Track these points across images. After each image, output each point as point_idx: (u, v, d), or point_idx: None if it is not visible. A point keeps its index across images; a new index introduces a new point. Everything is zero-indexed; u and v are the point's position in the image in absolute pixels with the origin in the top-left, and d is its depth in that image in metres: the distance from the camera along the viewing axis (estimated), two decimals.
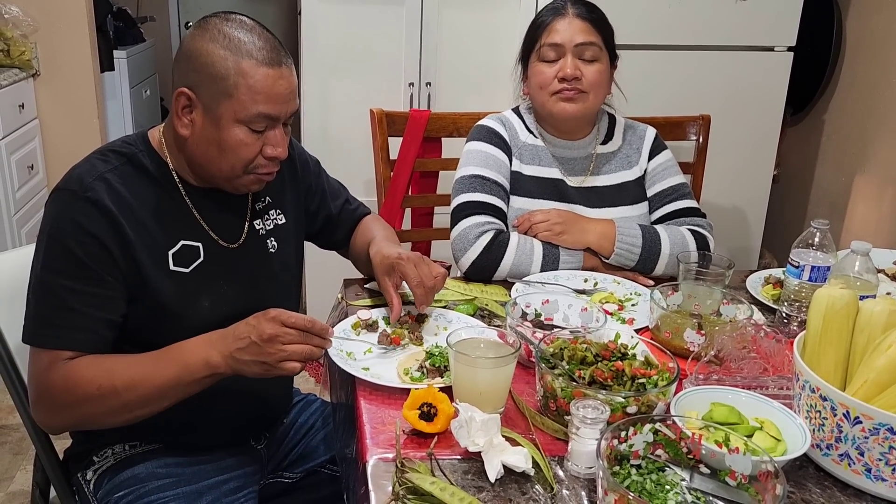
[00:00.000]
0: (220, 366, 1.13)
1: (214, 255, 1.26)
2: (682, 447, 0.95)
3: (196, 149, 1.20)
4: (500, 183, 1.65)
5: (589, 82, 1.61)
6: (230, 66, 1.14)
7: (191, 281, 1.23)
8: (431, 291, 1.34)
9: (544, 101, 1.64)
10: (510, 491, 0.95)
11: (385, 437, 1.05)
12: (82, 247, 1.13)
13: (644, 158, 1.73)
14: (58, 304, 1.14)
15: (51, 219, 1.16)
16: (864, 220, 2.75)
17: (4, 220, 2.88)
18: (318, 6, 2.59)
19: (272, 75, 1.15)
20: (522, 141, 1.70)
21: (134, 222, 1.17)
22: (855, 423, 0.94)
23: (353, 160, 2.60)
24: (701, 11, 2.50)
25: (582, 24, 1.61)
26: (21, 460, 2.31)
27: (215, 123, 1.17)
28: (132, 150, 1.23)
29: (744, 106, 2.61)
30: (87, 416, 1.16)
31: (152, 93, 4.75)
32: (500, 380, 1.07)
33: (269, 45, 1.17)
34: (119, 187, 1.17)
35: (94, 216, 1.14)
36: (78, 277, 1.13)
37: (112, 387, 1.12)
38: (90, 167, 1.19)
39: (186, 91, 1.17)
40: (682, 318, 1.28)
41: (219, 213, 1.28)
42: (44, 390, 1.16)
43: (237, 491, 1.31)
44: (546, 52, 1.62)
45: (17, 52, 3.05)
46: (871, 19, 2.70)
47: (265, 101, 1.16)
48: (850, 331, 1.05)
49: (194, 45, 1.16)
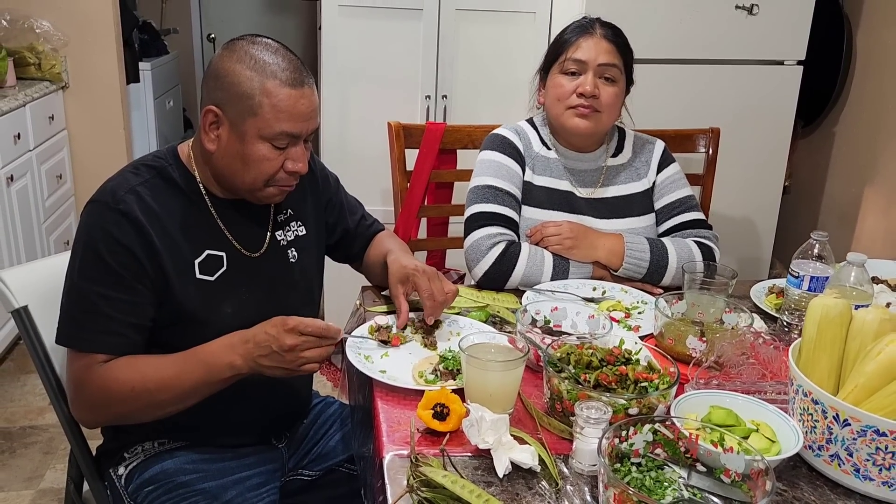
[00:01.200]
0: (242, 368, 1.21)
1: (237, 263, 1.33)
2: (680, 447, 1.00)
3: (221, 162, 1.28)
4: (513, 193, 1.71)
5: (605, 102, 1.66)
6: (255, 86, 1.21)
7: (215, 288, 1.30)
8: (441, 305, 1.40)
9: (559, 114, 1.70)
10: (517, 486, 1.01)
11: (400, 434, 1.11)
12: (113, 256, 1.21)
13: (653, 171, 1.79)
14: (91, 309, 1.21)
15: (85, 229, 1.24)
16: (873, 231, 2.78)
17: (35, 227, 2.98)
18: (337, 21, 2.67)
19: (294, 95, 1.23)
20: (536, 152, 1.76)
21: (162, 233, 1.25)
22: (844, 426, 0.99)
23: (371, 171, 2.67)
24: (712, 26, 2.55)
25: (608, 46, 1.67)
26: (51, 459, 2.39)
27: (240, 139, 1.24)
28: (162, 164, 1.31)
29: (754, 119, 2.66)
30: (122, 413, 1.25)
31: (175, 103, 4.86)
32: (510, 382, 1.13)
33: (292, 67, 1.24)
34: (149, 199, 1.25)
35: (125, 227, 1.22)
36: (110, 284, 1.21)
37: (145, 388, 1.20)
38: (122, 180, 1.27)
39: (214, 108, 1.24)
40: (685, 325, 1.34)
41: (242, 224, 1.35)
42: (81, 391, 1.24)
43: (260, 487, 1.38)
44: (568, 66, 1.68)
45: (47, 65, 3.16)
46: (881, 33, 2.74)
47: (287, 120, 1.23)
48: (843, 338, 1.10)
49: (222, 66, 1.24)
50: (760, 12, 2.54)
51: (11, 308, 1.39)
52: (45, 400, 2.69)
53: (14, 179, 2.79)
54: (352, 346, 1.33)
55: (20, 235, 2.84)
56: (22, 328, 1.40)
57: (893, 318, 1.08)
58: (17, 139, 2.81)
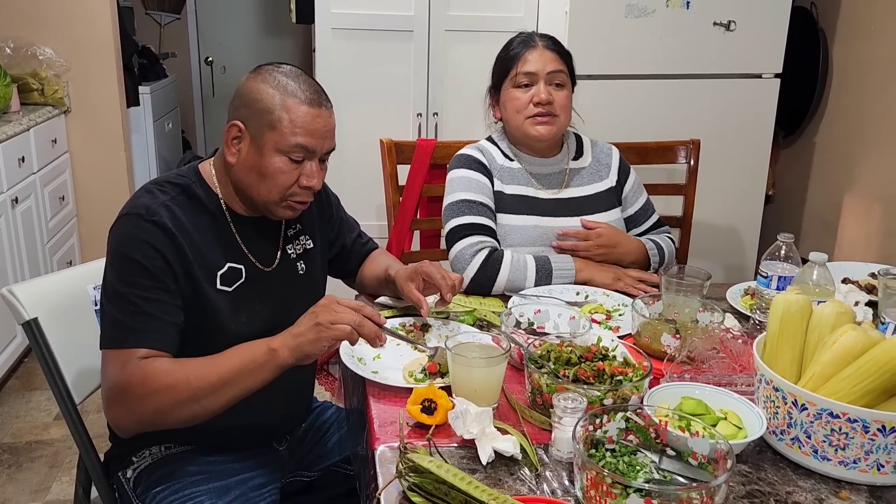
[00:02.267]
0: (279, 348, 1.24)
1: (253, 276, 1.42)
2: (650, 433, 1.08)
3: (240, 174, 1.37)
4: (486, 204, 1.81)
5: (559, 105, 1.80)
6: (276, 102, 1.31)
7: (232, 299, 1.38)
8: (454, 288, 1.49)
9: (519, 125, 1.82)
10: (500, 472, 1.08)
11: (391, 429, 1.19)
12: (150, 260, 1.29)
13: (614, 173, 1.93)
14: (133, 310, 1.28)
15: (122, 239, 1.31)
16: (854, 236, 2.87)
17: (38, 247, 3.06)
18: (331, 43, 2.77)
19: (312, 113, 1.33)
20: (500, 165, 1.87)
21: (192, 244, 1.33)
22: (802, 410, 1.06)
23: (367, 187, 2.76)
24: (691, 42, 2.65)
25: (551, 55, 1.81)
26: (57, 472, 2.46)
27: (259, 151, 1.33)
28: (186, 182, 1.39)
29: (735, 130, 2.75)
30: (159, 407, 1.25)
31: (174, 125, 4.96)
32: (493, 378, 1.21)
33: (312, 89, 1.35)
34: (178, 213, 1.34)
35: (159, 236, 1.30)
36: (148, 287, 1.28)
37: (185, 376, 1.24)
38: (152, 197, 1.35)
39: (238, 124, 1.34)
40: (661, 324, 1.42)
41: (257, 240, 1.44)
42: (121, 386, 1.26)
43: (261, 487, 1.45)
44: (521, 80, 1.80)
45: (50, 90, 3.25)
46: (854, 46, 2.84)
47: (304, 135, 1.33)
48: (804, 331, 1.18)
49: (248, 86, 1.35)
50: (738, 28, 2.64)
51: (22, 320, 1.47)
52: (50, 416, 2.76)
53: (19, 201, 2.87)
54: (345, 351, 1.41)
55: (24, 255, 2.92)
56: (32, 339, 1.47)
57: (849, 312, 1.16)
58: (21, 162, 2.89)
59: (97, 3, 3.28)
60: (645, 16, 2.59)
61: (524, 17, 2.84)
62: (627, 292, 1.71)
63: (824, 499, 1.04)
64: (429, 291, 1.51)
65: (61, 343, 1.46)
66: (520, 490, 1.05)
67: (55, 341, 1.48)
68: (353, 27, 2.77)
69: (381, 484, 1.05)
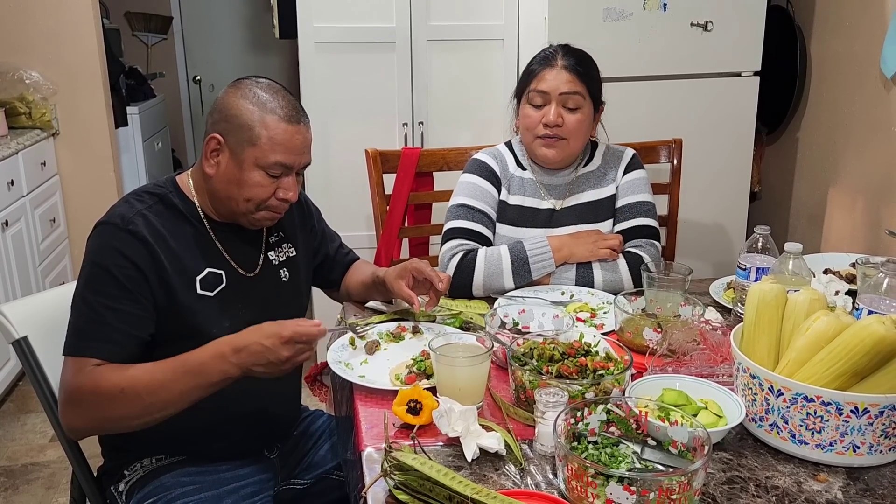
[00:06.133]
0: (235, 375, 1.28)
1: (235, 282, 1.44)
2: (631, 424, 1.10)
3: (218, 185, 1.39)
4: (484, 211, 1.82)
5: (569, 129, 1.77)
6: (256, 119, 1.34)
7: (214, 304, 1.40)
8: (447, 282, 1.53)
9: (529, 143, 1.83)
10: (485, 468, 1.10)
11: (377, 430, 1.20)
12: (121, 270, 1.31)
13: (619, 175, 1.89)
14: (95, 319, 1.30)
15: (95, 247, 1.34)
16: (840, 229, 2.89)
17: (30, 270, 3.07)
18: (314, 57, 2.80)
19: (290, 130, 1.36)
20: (511, 173, 1.88)
21: (168, 251, 1.35)
22: (778, 396, 1.08)
23: (354, 198, 2.78)
24: (669, 43, 2.68)
25: (568, 76, 1.76)
26: (53, 493, 2.46)
27: (239, 166, 1.36)
28: (163, 191, 1.42)
29: (716, 129, 2.78)
30: (110, 417, 1.29)
31: (164, 144, 4.98)
32: (477, 376, 1.22)
33: (290, 105, 1.38)
34: (155, 222, 1.36)
35: (135, 246, 1.32)
36: (115, 297, 1.31)
37: (134, 391, 1.26)
38: (129, 206, 1.37)
39: (217, 136, 1.37)
40: (643, 319, 1.44)
41: (238, 245, 1.47)
42: (73, 393, 1.30)
43: (254, 496, 1.46)
44: (533, 98, 1.79)
45: (38, 114, 3.28)
46: (831, 43, 2.88)
47: (283, 152, 1.36)
48: (780, 319, 1.20)
49: (228, 101, 1.37)
50: (715, 28, 2.67)
51: (12, 339, 1.48)
52: (46, 438, 2.76)
53: (9, 224, 2.88)
54: (333, 357, 1.43)
55: (16, 279, 2.93)
56: (23, 358, 1.49)
57: (822, 298, 1.18)
58: (10, 186, 2.91)
59: (83, 26, 3.30)
60: (623, 19, 2.62)
61: (505, 24, 2.86)
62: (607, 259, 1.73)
63: (803, 482, 1.06)
64: (418, 290, 1.54)
65: (52, 360, 1.47)
66: (504, 485, 1.06)
67: (45, 359, 1.49)
68: (336, 40, 2.80)
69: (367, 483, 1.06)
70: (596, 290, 1.73)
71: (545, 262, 1.73)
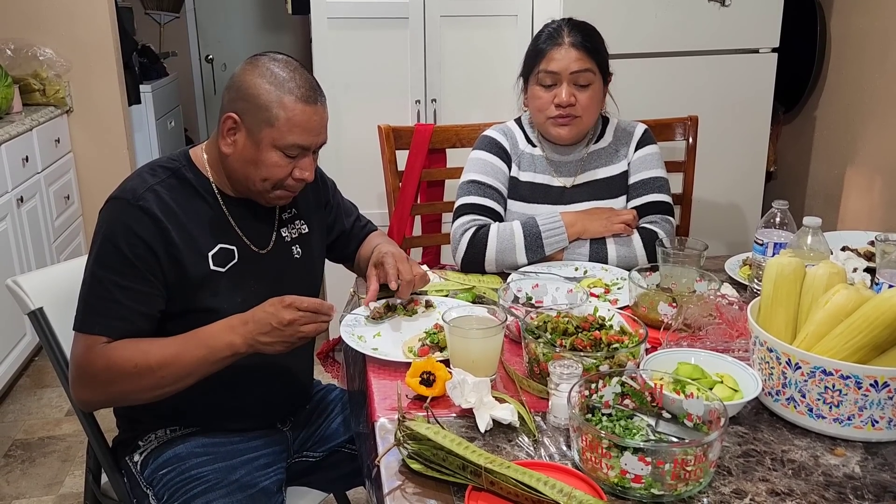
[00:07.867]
0: (241, 347, 1.29)
1: (247, 257, 1.44)
2: (646, 396, 1.09)
3: (235, 164, 1.38)
4: (495, 186, 1.81)
5: (583, 107, 1.74)
6: (273, 100, 1.33)
7: (227, 279, 1.40)
8: (409, 285, 1.51)
9: (541, 123, 1.80)
10: (498, 439, 1.09)
11: (390, 402, 1.20)
12: (131, 248, 1.31)
13: (631, 151, 1.86)
14: (104, 296, 1.31)
15: (106, 223, 1.34)
16: (857, 209, 2.86)
17: (45, 246, 3.09)
18: (327, 33, 2.78)
19: (308, 111, 1.34)
20: (521, 150, 1.86)
21: (178, 227, 1.35)
22: (796, 369, 1.07)
23: (367, 175, 2.77)
24: (686, 19, 2.64)
25: (577, 54, 1.71)
26: (69, 466, 2.49)
27: (256, 146, 1.35)
28: (177, 165, 1.42)
29: (733, 106, 2.74)
30: (123, 391, 1.31)
31: (177, 123, 4.98)
32: (490, 348, 1.22)
33: (307, 85, 1.36)
34: (166, 197, 1.35)
35: (145, 222, 1.32)
36: (125, 274, 1.31)
37: (147, 365, 1.28)
38: (141, 180, 1.37)
39: (234, 116, 1.35)
40: (658, 294, 1.42)
41: (251, 221, 1.46)
42: (85, 369, 1.31)
43: (267, 466, 1.47)
44: (543, 79, 1.74)
45: (52, 91, 3.28)
46: (852, 19, 2.83)
47: (300, 133, 1.34)
48: (798, 293, 1.18)
49: (244, 79, 1.35)
50: (733, 3, 2.63)
51: (28, 310, 1.49)
52: (62, 412, 2.79)
53: (24, 201, 2.90)
54: (346, 330, 1.43)
55: (31, 255, 2.95)
56: (38, 329, 1.50)
57: (841, 272, 1.17)
58: (25, 162, 2.92)
59: (96, 3, 3.30)
60: None
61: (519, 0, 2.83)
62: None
63: (819, 456, 1.05)
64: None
65: (67, 331, 1.48)
66: (518, 456, 1.06)
67: (60, 330, 1.50)
68: (349, 16, 2.77)
69: (380, 452, 1.06)
70: (610, 265, 1.72)
71: (558, 238, 1.71)
